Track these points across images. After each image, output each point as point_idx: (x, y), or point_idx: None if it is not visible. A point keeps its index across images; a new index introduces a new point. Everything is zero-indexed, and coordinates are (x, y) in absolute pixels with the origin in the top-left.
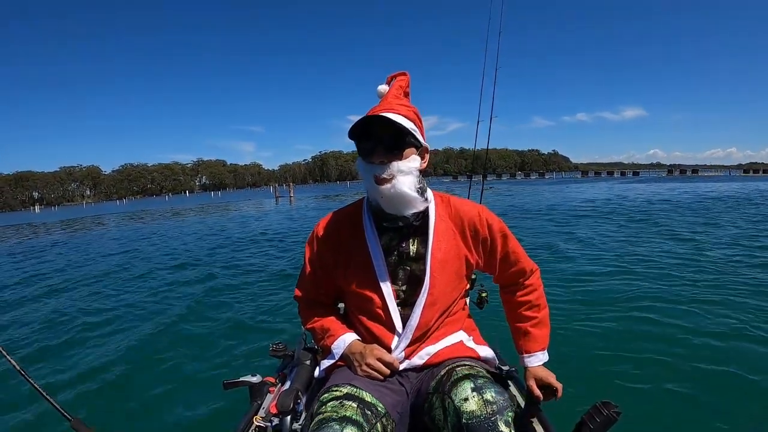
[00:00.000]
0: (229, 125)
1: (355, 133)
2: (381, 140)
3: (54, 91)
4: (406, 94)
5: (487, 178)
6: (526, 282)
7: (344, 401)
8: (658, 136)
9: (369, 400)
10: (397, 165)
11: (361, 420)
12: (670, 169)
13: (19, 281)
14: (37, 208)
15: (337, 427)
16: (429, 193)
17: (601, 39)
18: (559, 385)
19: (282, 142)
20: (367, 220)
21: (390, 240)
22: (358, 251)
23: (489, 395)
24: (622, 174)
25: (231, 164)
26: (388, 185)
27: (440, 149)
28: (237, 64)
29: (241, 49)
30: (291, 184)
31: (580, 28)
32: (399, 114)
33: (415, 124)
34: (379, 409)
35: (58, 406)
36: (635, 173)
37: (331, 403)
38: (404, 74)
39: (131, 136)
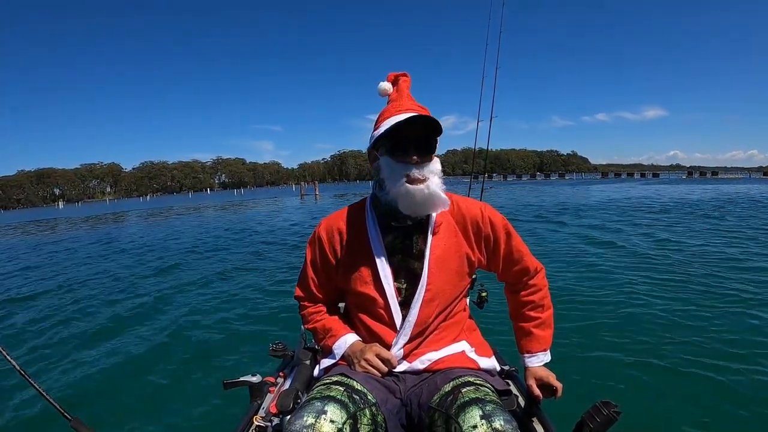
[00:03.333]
0: (249, 124)
1: (389, 130)
2: (416, 140)
3: (75, 89)
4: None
5: (507, 179)
6: (531, 282)
7: (331, 386)
8: (678, 137)
9: (359, 388)
10: (429, 166)
11: (347, 401)
12: (690, 171)
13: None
14: (61, 204)
15: (319, 404)
16: None
17: (623, 37)
18: (559, 385)
19: (301, 141)
20: (371, 219)
21: (394, 239)
22: (361, 251)
23: (498, 424)
24: (642, 175)
25: (250, 162)
26: (422, 186)
27: (459, 149)
28: (256, 66)
29: (260, 50)
30: (316, 182)
31: (600, 27)
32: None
33: None
34: (369, 397)
35: (57, 406)
36: (655, 175)
37: (318, 387)
38: (406, 75)
39: (151, 135)
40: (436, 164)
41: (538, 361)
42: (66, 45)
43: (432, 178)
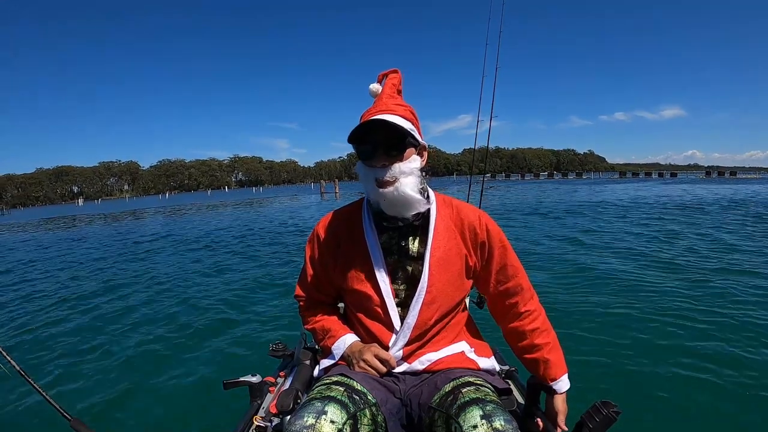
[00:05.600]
0: (265, 122)
1: (354, 136)
2: (381, 142)
3: (92, 89)
4: (399, 92)
5: (525, 178)
6: (530, 308)
7: (331, 386)
8: (696, 136)
9: (359, 388)
10: (398, 167)
11: (347, 401)
12: (708, 171)
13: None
14: (80, 201)
15: (319, 404)
16: (431, 194)
17: (643, 38)
18: (565, 429)
19: (316, 138)
20: (367, 219)
21: (390, 239)
22: (357, 250)
23: (498, 424)
24: (660, 175)
25: (267, 161)
26: (390, 188)
27: (476, 148)
28: (271, 66)
29: (275, 51)
30: (336, 180)
31: (620, 26)
32: (396, 114)
33: (412, 124)
34: (369, 398)
35: (57, 406)
36: (673, 174)
37: (318, 388)
38: (396, 72)
39: (169, 134)
40: (411, 163)
41: (565, 385)
42: (79, 44)
43: (403, 178)
